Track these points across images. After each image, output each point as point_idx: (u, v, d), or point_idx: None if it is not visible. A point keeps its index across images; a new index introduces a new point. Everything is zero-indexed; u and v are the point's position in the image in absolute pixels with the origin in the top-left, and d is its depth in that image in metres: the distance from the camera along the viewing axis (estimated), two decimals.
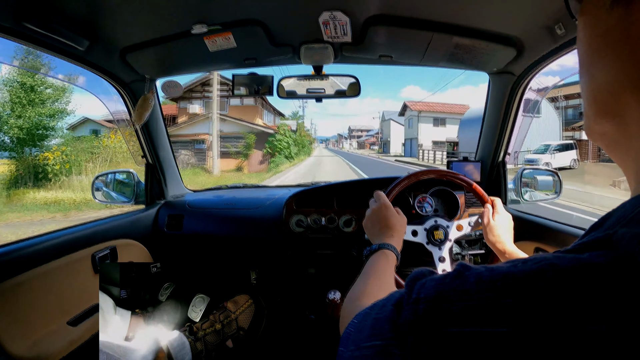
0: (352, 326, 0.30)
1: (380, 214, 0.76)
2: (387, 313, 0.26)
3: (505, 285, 0.20)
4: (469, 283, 0.21)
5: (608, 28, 0.25)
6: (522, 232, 1.02)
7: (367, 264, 0.64)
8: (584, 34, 0.28)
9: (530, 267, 0.20)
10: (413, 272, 0.30)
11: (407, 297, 0.25)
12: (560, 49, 0.89)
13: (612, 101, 0.26)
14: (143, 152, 1.36)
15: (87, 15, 0.81)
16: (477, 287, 0.21)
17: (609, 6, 0.25)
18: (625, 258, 0.18)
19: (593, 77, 0.27)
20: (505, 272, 0.21)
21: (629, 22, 0.23)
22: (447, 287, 0.22)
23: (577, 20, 0.29)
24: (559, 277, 0.19)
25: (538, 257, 0.21)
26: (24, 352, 0.76)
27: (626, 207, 0.23)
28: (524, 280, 0.20)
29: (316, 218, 1.27)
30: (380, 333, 0.25)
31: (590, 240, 0.21)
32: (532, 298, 0.19)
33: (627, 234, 0.19)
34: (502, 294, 0.20)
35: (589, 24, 0.27)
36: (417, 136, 27.62)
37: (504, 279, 0.20)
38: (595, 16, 0.26)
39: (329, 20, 0.89)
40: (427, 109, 28.76)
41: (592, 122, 0.29)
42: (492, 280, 0.21)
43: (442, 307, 0.21)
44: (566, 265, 0.19)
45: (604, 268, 0.18)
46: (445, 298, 0.22)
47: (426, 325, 0.22)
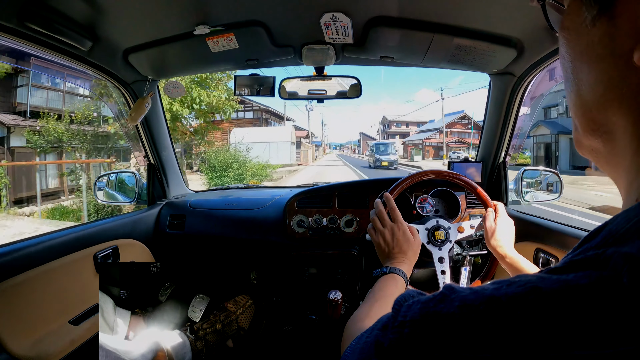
0: (349, 349, 0.30)
1: (397, 235, 0.74)
2: (373, 338, 0.25)
3: (488, 309, 0.20)
4: (453, 307, 0.21)
5: (591, 43, 0.24)
6: (523, 233, 1.02)
7: (376, 285, 0.64)
8: (566, 50, 0.27)
9: (513, 291, 0.20)
10: (400, 295, 0.29)
11: (392, 320, 0.24)
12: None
13: (599, 117, 0.26)
14: (145, 152, 1.37)
15: (90, 16, 0.81)
16: (461, 311, 0.21)
17: (590, 21, 0.24)
18: (611, 278, 0.18)
19: (579, 93, 0.27)
20: (489, 296, 0.20)
21: (612, 36, 0.23)
22: (432, 311, 0.22)
23: (558, 34, 0.28)
24: (541, 301, 0.19)
25: (523, 279, 0.21)
26: (25, 351, 0.76)
27: (617, 220, 0.22)
28: (506, 305, 0.19)
29: (317, 218, 1.28)
30: (367, 357, 0.25)
31: (579, 259, 0.21)
32: (513, 323, 0.19)
33: (615, 253, 0.19)
34: (485, 319, 0.19)
35: (570, 39, 0.26)
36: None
37: (487, 303, 0.20)
38: (576, 31, 0.25)
39: (331, 21, 0.89)
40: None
41: (581, 137, 0.28)
42: (475, 305, 0.20)
43: (426, 331, 0.21)
44: (549, 287, 0.19)
45: (587, 289, 0.18)
46: (430, 322, 0.22)
47: (410, 349, 0.21)
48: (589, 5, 0.24)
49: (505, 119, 1.21)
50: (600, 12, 0.23)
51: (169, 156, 1.42)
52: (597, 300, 0.17)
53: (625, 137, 0.24)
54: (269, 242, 1.32)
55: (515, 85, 1.13)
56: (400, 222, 0.77)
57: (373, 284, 0.66)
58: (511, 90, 1.15)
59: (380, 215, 0.78)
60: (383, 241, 0.75)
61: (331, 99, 1.22)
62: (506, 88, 1.15)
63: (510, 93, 1.15)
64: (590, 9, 0.24)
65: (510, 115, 1.19)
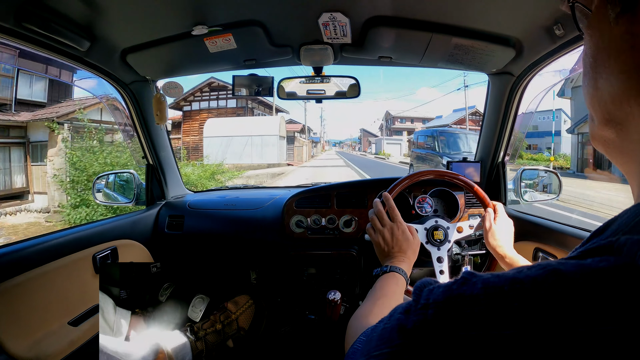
0: (359, 342, 0.31)
1: (396, 235, 0.75)
2: (395, 321, 0.26)
3: (512, 289, 0.21)
4: (477, 289, 0.22)
5: (613, 39, 0.26)
6: (522, 233, 1.03)
7: (376, 284, 0.65)
8: (590, 46, 0.29)
9: (535, 273, 0.21)
10: (418, 282, 0.30)
11: (414, 304, 0.25)
12: (558, 50, 0.89)
13: (615, 109, 0.27)
14: (144, 153, 1.36)
15: (88, 16, 0.81)
16: (485, 292, 0.22)
17: (614, 19, 0.26)
18: (627, 263, 0.19)
19: (597, 87, 0.28)
20: (512, 278, 0.21)
21: (634, 33, 0.24)
22: (456, 293, 0.23)
23: (584, 33, 0.30)
24: (562, 281, 0.20)
25: (542, 263, 0.22)
26: (25, 352, 0.76)
27: (628, 214, 0.23)
28: (530, 285, 0.20)
29: (316, 218, 1.28)
30: (389, 340, 0.25)
31: (592, 247, 0.22)
32: (536, 301, 0.20)
33: (629, 240, 0.20)
34: (509, 299, 0.20)
35: (594, 36, 0.28)
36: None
37: (511, 284, 0.21)
38: (600, 29, 0.27)
39: (329, 21, 0.89)
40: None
41: (596, 128, 0.30)
42: (499, 286, 0.21)
43: (451, 312, 0.22)
44: (569, 270, 0.20)
45: (606, 272, 0.19)
46: (454, 303, 0.22)
47: (435, 329, 0.22)
48: (614, 4, 0.26)
49: (504, 119, 1.21)
50: (624, 10, 0.25)
51: (168, 156, 1.42)
52: (616, 282, 0.19)
53: (638, 128, 0.26)
54: (267, 242, 1.32)
55: (514, 85, 1.13)
56: (400, 221, 0.77)
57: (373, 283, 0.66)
58: (510, 90, 1.15)
59: (380, 215, 0.78)
60: (382, 240, 0.75)
61: (330, 99, 1.22)
62: (505, 88, 1.15)
63: (509, 93, 1.15)
64: (614, 7, 0.26)
65: (509, 115, 1.19)
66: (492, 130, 1.25)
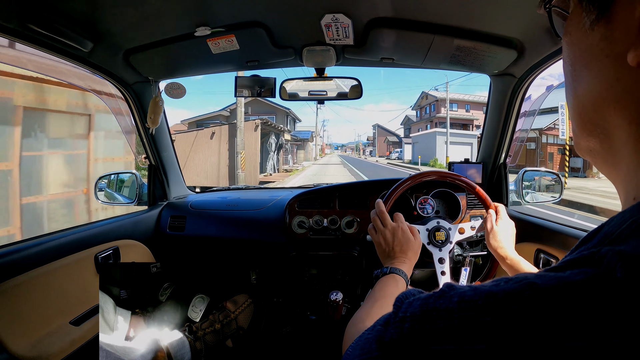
0: (351, 347, 0.31)
1: (397, 235, 0.75)
2: (375, 332, 0.26)
3: (485, 304, 0.21)
4: (452, 302, 0.22)
5: (589, 46, 0.26)
6: (524, 234, 1.02)
7: (376, 286, 0.64)
8: (567, 53, 0.28)
9: (511, 287, 0.21)
10: (401, 293, 0.30)
11: (393, 316, 0.25)
12: (560, 51, 0.89)
13: (596, 117, 0.26)
14: (146, 153, 1.37)
15: (91, 17, 0.82)
16: (459, 306, 0.21)
17: (589, 26, 0.25)
18: (606, 274, 0.18)
19: (577, 95, 0.28)
20: (488, 292, 0.21)
21: (609, 39, 0.24)
22: (432, 307, 0.23)
23: (562, 40, 0.29)
24: (536, 295, 0.19)
25: (520, 276, 0.22)
26: (26, 351, 0.76)
27: (614, 222, 0.23)
28: (504, 299, 0.20)
29: (318, 219, 1.28)
30: (369, 351, 0.25)
31: (575, 257, 0.22)
32: (509, 316, 0.19)
33: (610, 251, 0.19)
34: (482, 313, 0.20)
35: (571, 43, 0.28)
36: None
37: (485, 298, 0.21)
38: (577, 35, 0.27)
39: (331, 22, 0.89)
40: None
41: (579, 138, 0.29)
42: (473, 300, 0.21)
43: (426, 326, 0.22)
44: (545, 283, 0.20)
45: (581, 285, 0.19)
46: (429, 317, 0.22)
47: (411, 343, 0.22)
48: (589, 10, 0.25)
49: (506, 120, 1.21)
50: (599, 16, 0.24)
51: (170, 157, 1.42)
52: (592, 294, 0.18)
53: (621, 136, 0.25)
54: (269, 243, 1.32)
55: (516, 86, 1.13)
56: (401, 222, 0.77)
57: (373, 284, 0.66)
58: (511, 92, 1.15)
59: (381, 215, 0.78)
60: (384, 241, 0.75)
61: (332, 100, 1.22)
62: (506, 89, 1.15)
63: (511, 94, 1.15)
64: (589, 14, 0.25)
65: (511, 117, 1.19)
66: (494, 132, 1.25)
